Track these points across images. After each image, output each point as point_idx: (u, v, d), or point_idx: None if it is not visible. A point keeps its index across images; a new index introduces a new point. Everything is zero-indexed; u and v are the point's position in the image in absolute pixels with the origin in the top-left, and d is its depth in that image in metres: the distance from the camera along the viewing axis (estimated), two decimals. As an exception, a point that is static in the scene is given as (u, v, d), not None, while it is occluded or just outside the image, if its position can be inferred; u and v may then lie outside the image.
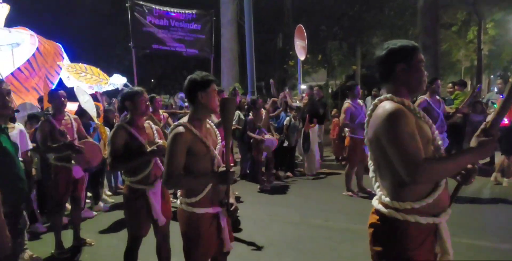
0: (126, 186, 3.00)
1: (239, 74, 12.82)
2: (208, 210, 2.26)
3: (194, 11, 8.61)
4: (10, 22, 8.74)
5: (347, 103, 6.00)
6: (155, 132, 3.17)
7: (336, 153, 8.76)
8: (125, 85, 8.83)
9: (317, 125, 7.95)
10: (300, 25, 9.77)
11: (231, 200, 2.28)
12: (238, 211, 2.38)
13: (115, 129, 2.93)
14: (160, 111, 6.09)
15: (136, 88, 3.10)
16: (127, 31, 22.49)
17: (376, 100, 1.79)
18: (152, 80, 23.91)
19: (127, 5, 7.51)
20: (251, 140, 6.77)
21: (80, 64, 8.38)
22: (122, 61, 22.00)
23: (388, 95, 1.74)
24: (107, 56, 21.60)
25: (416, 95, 4.78)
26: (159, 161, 3.05)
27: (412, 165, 1.52)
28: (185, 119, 2.28)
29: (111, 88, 8.99)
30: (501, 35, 17.98)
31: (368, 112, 1.80)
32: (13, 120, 4.05)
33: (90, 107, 5.72)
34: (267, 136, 6.57)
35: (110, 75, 9.01)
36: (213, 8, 12.53)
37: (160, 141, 3.00)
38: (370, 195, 5.95)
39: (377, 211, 1.75)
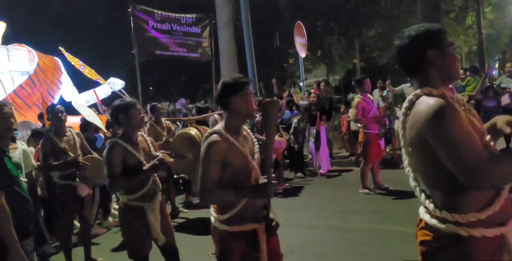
0: (122, 204, 2.83)
1: (239, 76, 12.67)
2: (242, 227, 2.04)
3: (194, 15, 8.49)
4: (7, 39, 8.64)
5: (357, 97, 5.82)
6: (149, 144, 3.01)
7: (348, 149, 8.60)
8: (120, 91, 8.73)
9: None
10: (299, 22, 9.62)
11: (271, 215, 2.08)
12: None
13: (109, 146, 2.76)
14: (163, 119, 5.94)
15: (128, 99, 2.95)
16: (123, 41, 22.46)
17: (411, 96, 1.55)
18: (151, 88, 23.84)
19: (129, 9, 7.37)
20: (259, 142, 6.59)
21: (78, 59, 8.67)
22: (119, 72, 21.98)
23: (425, 89, 1.50)
24: (104, 66, 21.58)
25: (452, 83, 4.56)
26: (157, 178, 2.94)
27: (475, 167, 1.28)
28: (219, 126, 2.10)
29: (103, 95, 8.89)
30: (499, 18, 17.78)
31: (403, 111, 1.57)
32: (13, 140, 3.91)
33: (94, 119, 5.57)
34: (276, 138, 6.40)
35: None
36: (209, 11, 12.41)
37: (160, 154, 2.86)
38: (388, 191, 5.79)
39: (428, 227, 1.50)
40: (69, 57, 8.23)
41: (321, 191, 6.50)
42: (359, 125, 6.03)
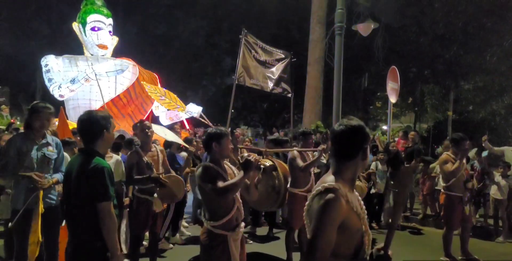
0: (206, 231, 2.81)
1: (321, 112, 12.52)
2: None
3: (280, 51, 8.69)
4: (117, 52, 9.58)
5: (446, 154, 5.27)
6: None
7: (425, 208, 7.86)
8: (201, 116, 9.00)
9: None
10: (394, 66, 9.29)
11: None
12: None
13: (204, 167, 2.81)
14: (239, 147, 5.89)
15: (222, 128, 3.00)
16: (215, 64, 23.76)
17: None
18: (232, 110, 24.75)
19: (240, 36, 7.72)
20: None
21: (160, 87, 8.90)
22: (207, 92, 23.21)
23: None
24: (194, 86, 23.01)
25: None
26: (241, 205, 2.90)
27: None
28: (331, 178, 1.76)
29: (187, 116, 9.26)
30: None
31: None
32: (118, 148, 4.14)
33: (173, 137, 5.76)
34: (357, 183, 6.06)
35: (188, 103, 9.39)
36: (303, 45, 12.63)
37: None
38: (476, 262, 5.09)
39: None
40: (150, 90, 8.51)
41: (396, 249, 5.87)
42: (443, 184, 5.40)
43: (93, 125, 2.40)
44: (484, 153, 7.37)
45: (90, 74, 7.61)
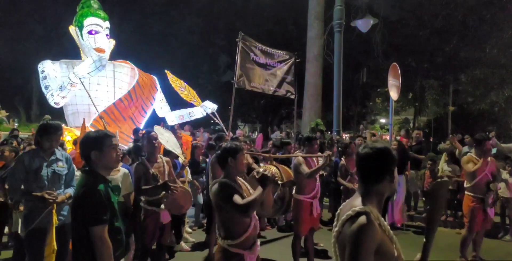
0: (221, 250, 2.70)
1: (321, 110, 12.45)
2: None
3: (283, 52, 8.61)
4: (113, 52, 9.46)
5: (470, 155, 5.17)
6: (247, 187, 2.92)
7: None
8: (213, 114, 9.06)
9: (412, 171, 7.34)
10: (395, 63, 9.17)
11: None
12: None
13: (221, 185, 2.68)
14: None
15: (238, 143, 2.92)
16: (211, 62, 23.57)
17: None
18: (230, 108, 24.67)
19: (237, 39, 7.62)
20: (341, 187, 6.25)
21: (182, 81, 9.21)
22: (204, 90, 23.09)
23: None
24: (191, 84, 22.89)
25: None
26: (258, 222, 2.80)
27: None
28: (359, 201, 1.70)
29: (199, 115, 9.28)
30: None
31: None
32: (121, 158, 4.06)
33: (173, 145, 5.65)
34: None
35: (186, 104, 9.51)
36: (300, 42, 12.50)
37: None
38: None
39: None
40: (172, 79, 8.91)
41: (405, 250, 5.84)
42: (466, 185, 5.27)
43: (83, 147, 2.36)
44: (493, 150, 7.29)
45: (73, 79, 7.48)
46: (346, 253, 1.62)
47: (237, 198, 2.56)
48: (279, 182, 2.73)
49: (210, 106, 9.20)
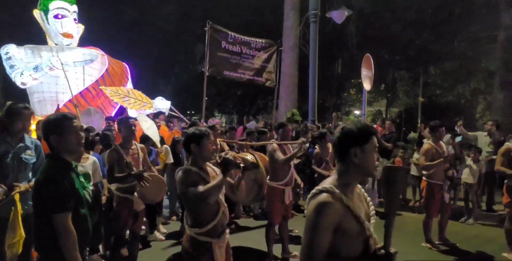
0: (188, 239, 2.65)
1: (297, 100, 12.54)
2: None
3: (263, 40, 8.55)
4: (83, 41, 9.14)
5: (427, 143, 5.38)
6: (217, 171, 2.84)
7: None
8: (171, 110, 8.71)
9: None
10: (368, 54, 9.34)
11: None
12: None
13: (184, 172, 2.65)
14: (218, 140, 5.81)
15: (203, 128, 2.81)
16: (188, 51, 23.16)
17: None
18: (206, 98, 24.43)
19: (205, 28, 7.52)
20: (315, 175, 6.35)
21: (122, 88, 8.37)
22: (179, 79, 22.73)
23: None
24: (166, 73, 22.45)
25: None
26: (226, 209, 2.76)
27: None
28: (329, 181, 1.75)
29: (154, 112, 8.93)
30: None
31: None
32: (93, 146, 3.94)
33: (153, 133, 5.61)
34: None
35: (162, 94, 8.99)
36: (277, 32, 12.48)
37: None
38: (453, 248, 5.28)
39: None
40: (111, 93, 7.86)
41: (378, 234, 6.01)
42: (424, 172, 5.53)
43: (43, 131, 2.25)
44: (458, 138, 7.59)
45: (55, 63, 7.19)
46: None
47: (195, 186, 2.50)
48: (241, 165, 2.68)
49: (162, 106, 8.60)
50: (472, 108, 18.31)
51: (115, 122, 5.84)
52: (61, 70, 7.07)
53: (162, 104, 8.67)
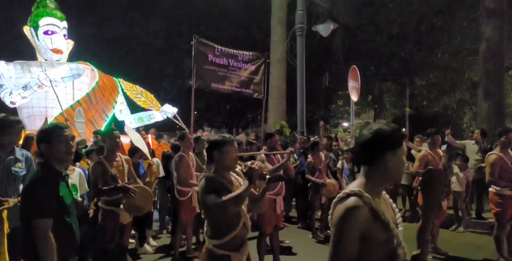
0: (207, 252, 2.48)
1: (285, 113, 12.66)
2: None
3: (250, 53, 8.71)
4: (72, 56, 9.17)
5: (424, 150, 5.38)
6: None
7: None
8: (174, 117, 8.95)
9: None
10: (354, 66, 9.53)
11: None
12: None
13: (207, 178, 2.51)
14: (205, 151, 5.81)
15: (226, 135, 2.68)
16: (176, 66, 23.30)
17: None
18: (195, 112, 24.45)
19: (192, 43, 7.66)
20: (309, 184, 6.39)
21: (137, 86, 9.03)
22: (168, 94, 22.76)
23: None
24: (155, 88, 22.51)
25: None
26: (248, 221, 2.57)
27: None
28: (356, 184, 1.65)
29: (160, 118, 9.13)
30: None
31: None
32: (79, 158, 3.93)
33: (142, 145, 5.62)
34: (329, 180, 6.20)
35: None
36: (264, 46, 12.67)
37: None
38: (446, 257, 5.30)
39: None
40: (126, 87, 8.75)
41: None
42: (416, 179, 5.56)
43: (36, 140, 2.29)
44: (443, 147, 7.71)
45: (44, 81, 7.20)
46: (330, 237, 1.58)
47: (216, 195, 2.36)
48: (267, 176, 2.53)
49: (169, 110, 9.03)
50: (458, 119, 18.66)
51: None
52: (50, 87, 7.10)
53: (169, 108, 9.12)
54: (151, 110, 9.11)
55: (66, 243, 2.24)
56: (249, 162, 2.46)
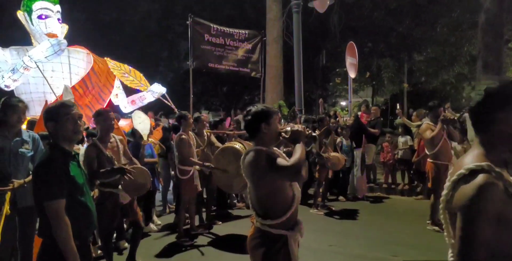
0: (260, 233, 2.29)
1: (283, 92, 12.62)
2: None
3: (247, 31, 8.61)
4: (67, 40, 9.03)
5: (426, 123, 5.38)
6: None
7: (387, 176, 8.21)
8: (163, 96, 8.92)
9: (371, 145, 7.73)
10: (351, 42, 9.46)
11: None
12: None
13: (258, 150, 2.25)
14: (205, 131, 5.90)
15: (269, 106, 2.43)
16: (171, 49, 23.01)
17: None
18: (192, 96, 24.35)
19: (187, 22, 7.57)
20: (316, 160, 6.47)
21: (125, 65, 8.82)
22: (165, 78, 22.61)
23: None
24: (151, 72, 22.33)
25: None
26: (300, 197, 2.37)
27: None
28: (477, 158, 1.41)
29: (151, 98, 9.09)
30: None
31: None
32: (82, 140, 3.95)
33: (143, 128, 5.66)
34: (334, 153, 6.35)
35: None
36: (259, 25, 12.51)
37: None
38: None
39: None
40: (114, 66, 8.48)
41: (366, 218, 6.19)
42: (428, 152, 5.44)
43: (44, 120, 2.30)
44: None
45: (28, 62, 7.08)
46: (457, 223, 1.35)
47: (281, 161, 2.15)
48: (313, 134, 2.32)
49: (157, 90, 8.88)
50: (457, 94, 18.62)
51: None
52: (36, 67, 6.99)
53: (158, 88, 8.91)
54: (138, 90, 8.94)
55: (82, 222, 2.26)
56: (288, 128, 2.28)
